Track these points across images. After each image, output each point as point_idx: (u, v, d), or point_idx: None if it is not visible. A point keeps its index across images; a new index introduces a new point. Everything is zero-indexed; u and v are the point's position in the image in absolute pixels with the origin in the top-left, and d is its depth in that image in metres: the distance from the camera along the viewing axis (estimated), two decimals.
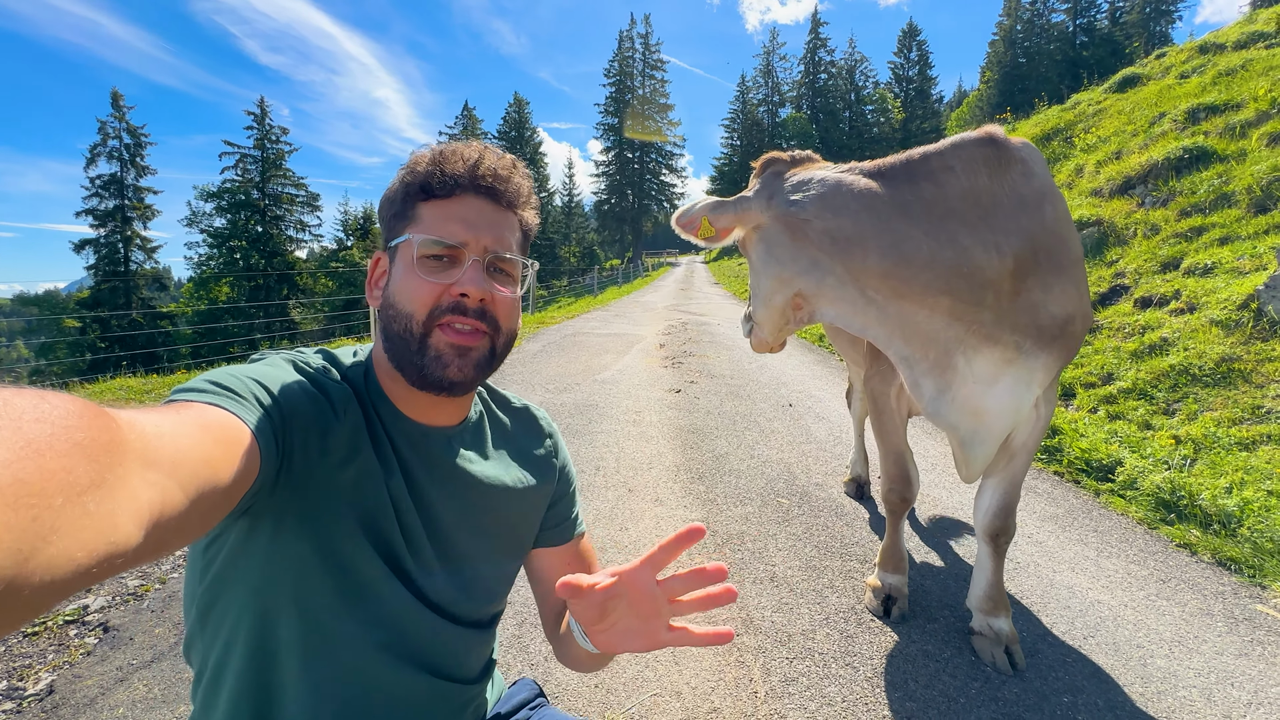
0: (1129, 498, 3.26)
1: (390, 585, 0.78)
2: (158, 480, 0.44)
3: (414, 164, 0.81)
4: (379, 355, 0.83)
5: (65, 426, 0.37)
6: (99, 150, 33.32)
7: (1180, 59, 12.08)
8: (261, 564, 0.71)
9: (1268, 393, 3.87)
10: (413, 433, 0.83)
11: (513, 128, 53.97)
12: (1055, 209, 1.60)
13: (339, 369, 0.83)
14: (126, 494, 0.40)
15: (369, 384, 0.83)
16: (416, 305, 0.76)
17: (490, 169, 0.80)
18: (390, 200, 0.82)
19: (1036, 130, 12.62)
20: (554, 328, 10.95)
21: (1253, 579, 2.50)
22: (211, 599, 0.74)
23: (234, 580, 0.73)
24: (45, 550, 0.33)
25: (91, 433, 0.39)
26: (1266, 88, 7.86)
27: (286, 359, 0.78)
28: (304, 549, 0.72)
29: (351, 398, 0.79)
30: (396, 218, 0.81)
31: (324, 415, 0.74)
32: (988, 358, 1.60)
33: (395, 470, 0.80)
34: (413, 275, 0.76)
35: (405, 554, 0.80)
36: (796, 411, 5.12)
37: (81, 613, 2.27)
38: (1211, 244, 5.90)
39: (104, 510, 0.37)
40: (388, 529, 0.78)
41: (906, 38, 62.71)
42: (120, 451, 0.41)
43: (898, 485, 2.23)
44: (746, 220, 1.79)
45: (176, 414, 0.54)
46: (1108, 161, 9.00)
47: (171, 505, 0.45)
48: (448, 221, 0.78)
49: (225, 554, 0.72)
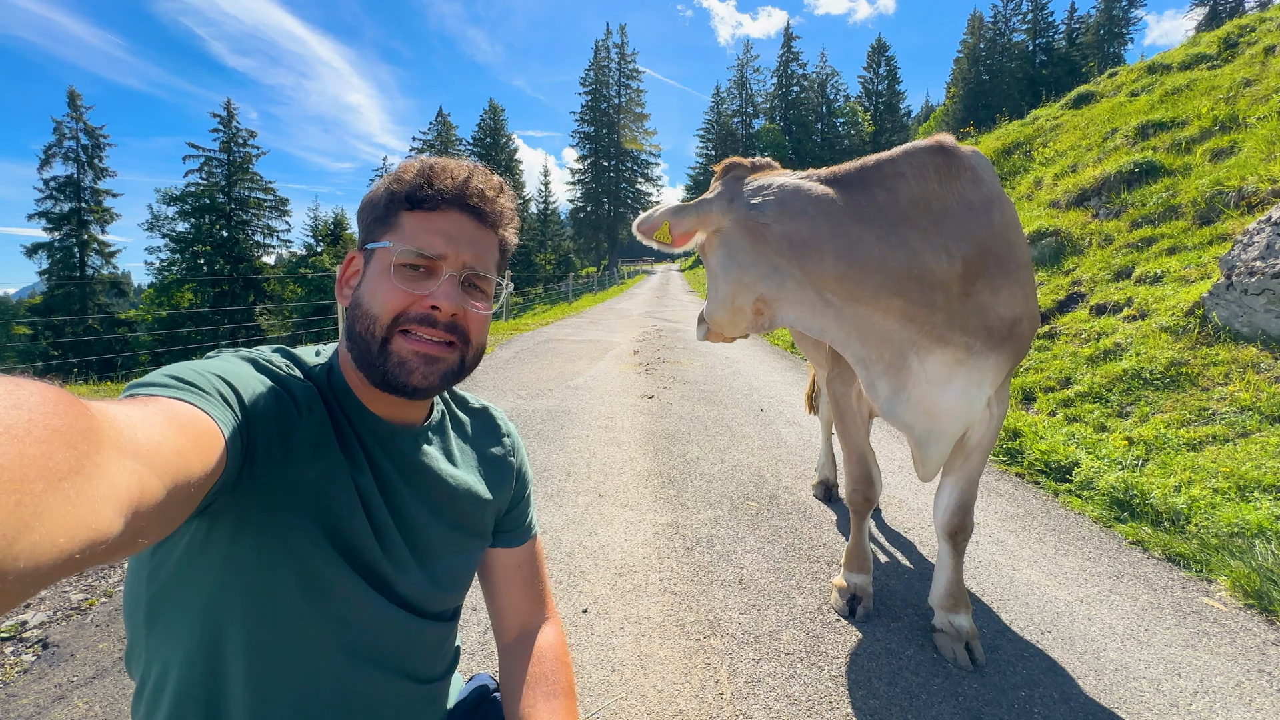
0: (1085, 497, 3.37)
1: (354, 584, 0.76)
2: (135, 469, 0.44)
3: (401, 172, 0.82)
4: (345, 353, 0.83)
5: (43, 413, 0.37)
6: (54, 151, 32.09)
7: (1131, 78, 12.65)
8: (219, 566, 0.69)
9: (1213, 395, 4.04)
10: (380, 430, 0.83)
11: (488, 134, 53.72)
12: (1003, 215, 1.65)
13: (301, 367, 0.82)
14: (105, 481, 0.39)
15: (333, 381, 0.83)
16: (383, 310, 0.76)
17: (478, 188, 0.81)
18: (373, 204, 0.82)
19: (998, 144, 13.05)
20: (528, 334, 10.88)
21: (1200, 573, 2.60)
22: (160, 603, 0.71)
23: (187, 583, 0.70)
24: (28, 535, 0.33)
25: (69, 419, 0.38)
26: (1209, 106, 8.27)
27: (245, 357, 0.76)
28: (265, 550, 0.70)
29: (316, 396, 0.78)
30: (378, 222, 0.81)
31: (288, 413, 0.73)
32: (940, 358, 1.64)
33: (364, 467, 0.80)
34: (386, 280, 0.77)
35: (377, 550, 0.79)
36: (768, 416, 5.17)
37: (19, 629, 2.16)
38: (1160, 254, 6.16)
39: (84, 496, 0.37)
40: (356, 527, 0.77)
41: (876, 53, 64.44)
42: (97, 439, 0.40)
43: (861, 485, 2.26)
44: (708, 223, 1.81)
45: (144, 406, 0.53)
46: (1064, 174, 9.35)
47: (150, 494, 0.45)
48: (429, 234, 0.78)
49: (179, 556, 0.70)
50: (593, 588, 2.47)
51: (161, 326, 30.29)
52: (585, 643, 2.12)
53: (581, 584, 2.50)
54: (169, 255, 34.61)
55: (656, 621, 2.25)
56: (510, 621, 1.00)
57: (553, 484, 3.59)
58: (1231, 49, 11.14)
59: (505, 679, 0.95)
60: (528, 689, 0.91)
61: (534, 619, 1.01)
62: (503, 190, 0.85)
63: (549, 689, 0.92)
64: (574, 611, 2.31)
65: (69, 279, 31.48)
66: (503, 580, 1.01)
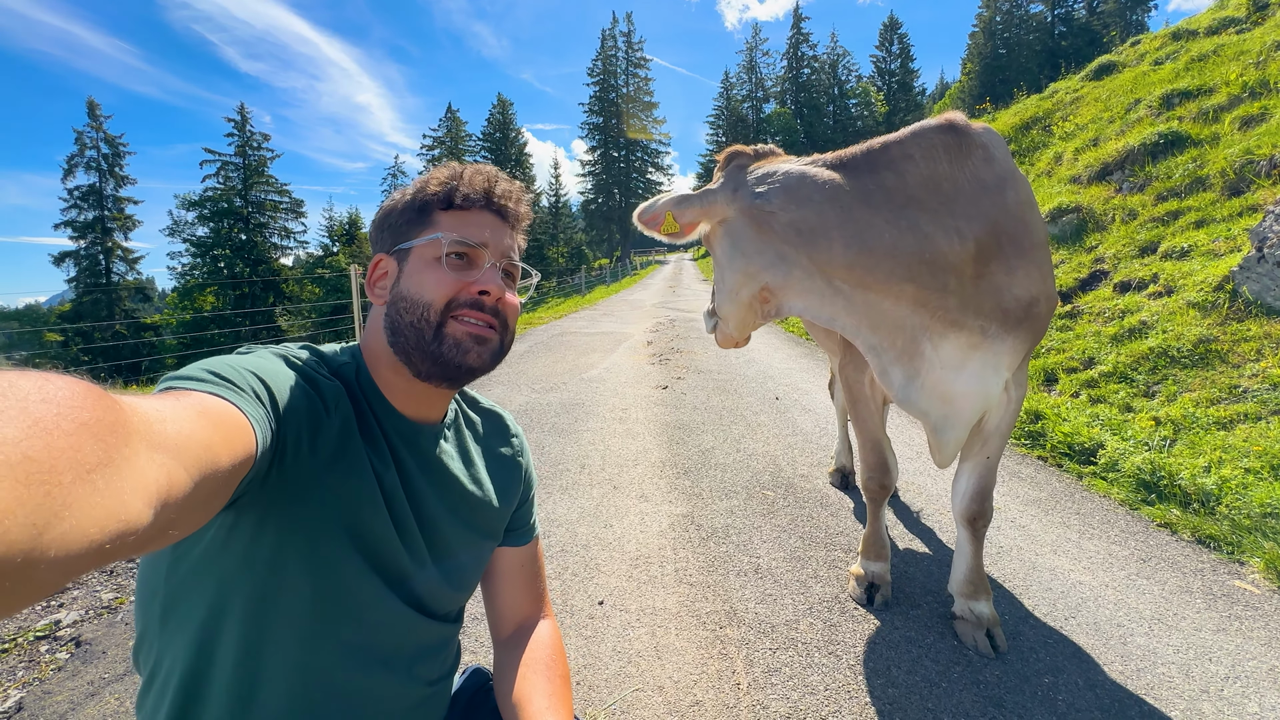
0: (1111, 480, 3.29)
1: (371, 583, 0.78)
2: (164, 462, 0.44)
3: (430, 179, 0.88)
4: (376, 350, 0.86)
5: (71, 406, 0.38)
6: (76, 161, 32.84)
7: (1154, 46, 12.21)
8: (240, 560, 0.71)
9: (1244, 372, 3.92)
10: (404, 427, 0.86)
11: (497, 129, 53.70)
12: (1017, 193, 1.60)
13: (329, 365, 0.84)
14: (134, 473, 0.40)
15: (360, 379, 0.85)
16: (436, 295, 0.81)
17: (505, 191, 0.89)
18: (402, 209, 0.88)
19: (1016, 119, 12.72)
20: (541, 328, 10.92)
21: (1231, 555, 2.53)
22: (178, 597, 0.73)
23: (206, 576, 0.71)
24: (58, 525, 0.33)
25: (97, 413, 0.39)
26: (1238, 72, 7.96)
27: (277, 353, 0.79)
28: (286, 546, 0.71)
29: (343, 394, 0.80)
30: (410, 224, 0.86)
31: (316, 411, 0.75)
32: (954, 343, 1.60)
33: (390, 464, 0.82)
34: (435, 269, 0.82)
35: (398, 546, 0.81)
36: (783, 405, 5.13)
37: (54, 628, 2.23)
38: (1187, 227, 5.96)
39: (113, 488, 0.38)
40: (379, 524, 0.79)
41: (888, 31, 63.06)
42: (125, 432, 0.41)
43: (876, 473, 2.23)
44: (712, 214, 1.78)
45: (176, 400, 0.54)
46: (1085, 149, 9.08)
47: (178, 487, 0.45)
48: (469, 227, 0.86)
49: (201, 548, 0.71)
50: (608, 579, 2.48)
51: (186, 330, 30.96)
52: (601, 634, 2.13)
53: (597, 576, 2.51)
54: (190, 259, 35.38)
55: (672, 612, 2.25)
56: (509, 619, 1.02)
57: (568, 476, 3.60)
58: (1262, 10, 10.68)
59: (500, 669, 0.96)
60: (524, 670, 0.93)
61: (533, 616, 1.04)
62: (523, 194, 0.93)
63: (547, 672, 0.94)
64: (590, 603, 2.32)
65: (95, 285, 32.29)
66: (505, 579, 1.04)
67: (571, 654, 2.03)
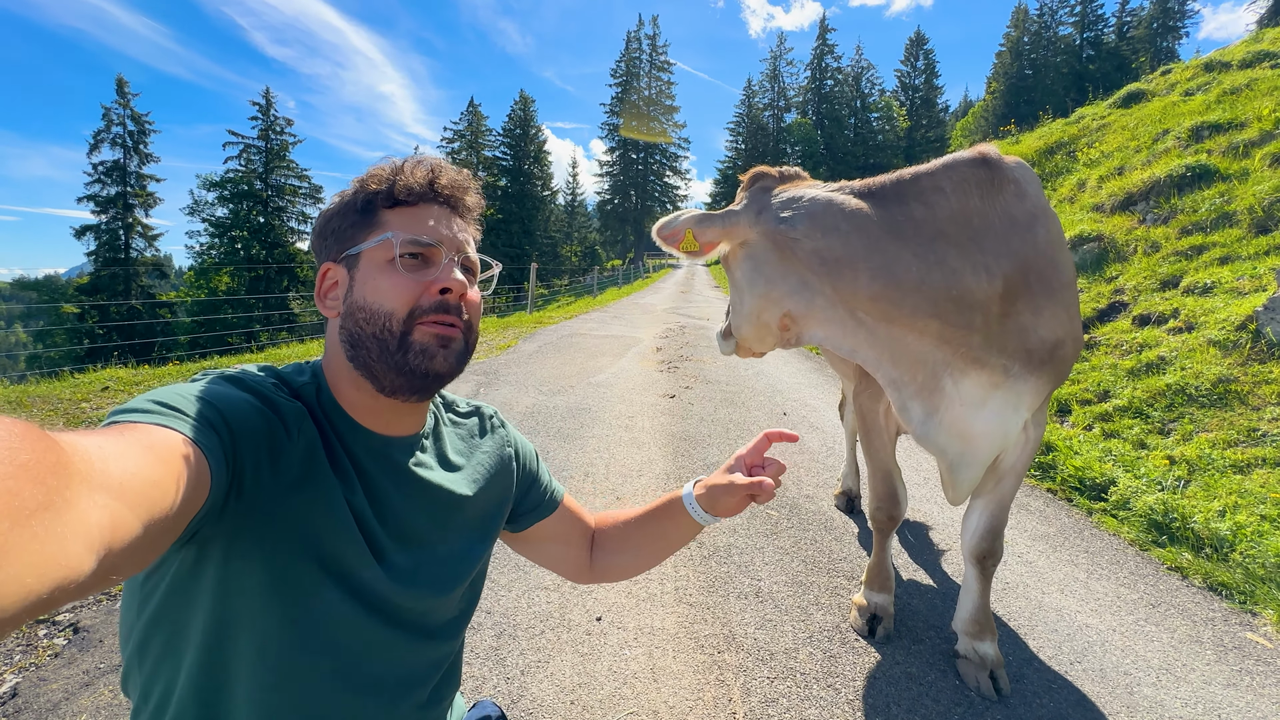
0: (1121, 518, 3.23)
1: (348, 608, 0.75)
2: (107, 503, 0.42)
3: (369, 176, 0.82)
4: (336, 367, 0.81)
5: (8, 448, 0.36)
6: (103, 136, 33.24)
7: (1185, 76, 12.07)
8: (209, 594, 0.68)
9: (1264, 415, 3.84)
10: (374, 444, 0.82)
11: (518, 125, 53.90)
12: (1048, 230, 1.57)
13: (289, 386, 0.80)
14: (75, 517, 0.38)
15: (322, 399, 0.81)
16: (397, 303, 0.76)
17: (450, 181, 0.83)
18: (344, 211, 0.82)
19: (1040, 143, 12.60)
20: (551, 328, 10.92)
21: (1243, 605, 2.48)
22: (150, 632, 0.71)
23: (177, 612, 0.70)
24: None
25: (36, 454, 0.37)
26: (1271, 107, 7.84)
27: (230, 377, 0.75)
28: (255, 576, 0.69)
29: (305, 415, 0.77)
30: (355, 226, 0.80)
31: (276, 434, 0.72)
32: (975, 381, 1.57)
33: (356, 486, 0.78)
34: (391, 274, 0.77)
35: (375, 569, 0.78)
36: (791, 421, 5.09)
37: (52, 613, 2.24)
38: (1211, 263, 5.87)
39: (53, 534, 0.36)
40: (351, 547, 0.76)
41: (914, 46, 62.79)
42: (66, 474, 0.39)
43: (885, 504, 2.20)
44: (734, 235, 1.75)
45: (120, 435, 0.52)
46: (1110, 177, 8.98)
47: (123, 529, 0.43)
48: (419, 223, 0.79)
49: (167, 585, 0.69)
50: (607, 594, 2.46)
51: (200, 309, 31.29)
52: (598, 652, 2.11)
53: (596, 590, 2.49)
54: (208, 239, 35.74)
55: (670, 633, 2.23)
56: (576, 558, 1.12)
57: (571, 484, 3.58)
58: None
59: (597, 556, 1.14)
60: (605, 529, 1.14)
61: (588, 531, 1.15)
62: (471, 182, 0.87)
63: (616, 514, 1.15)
64: (587, 619, 2.30)
65: (114, 260, 32.66)
66: (553, 541, 1.10)
67: (566, 671, 2.01)
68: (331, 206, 0.84)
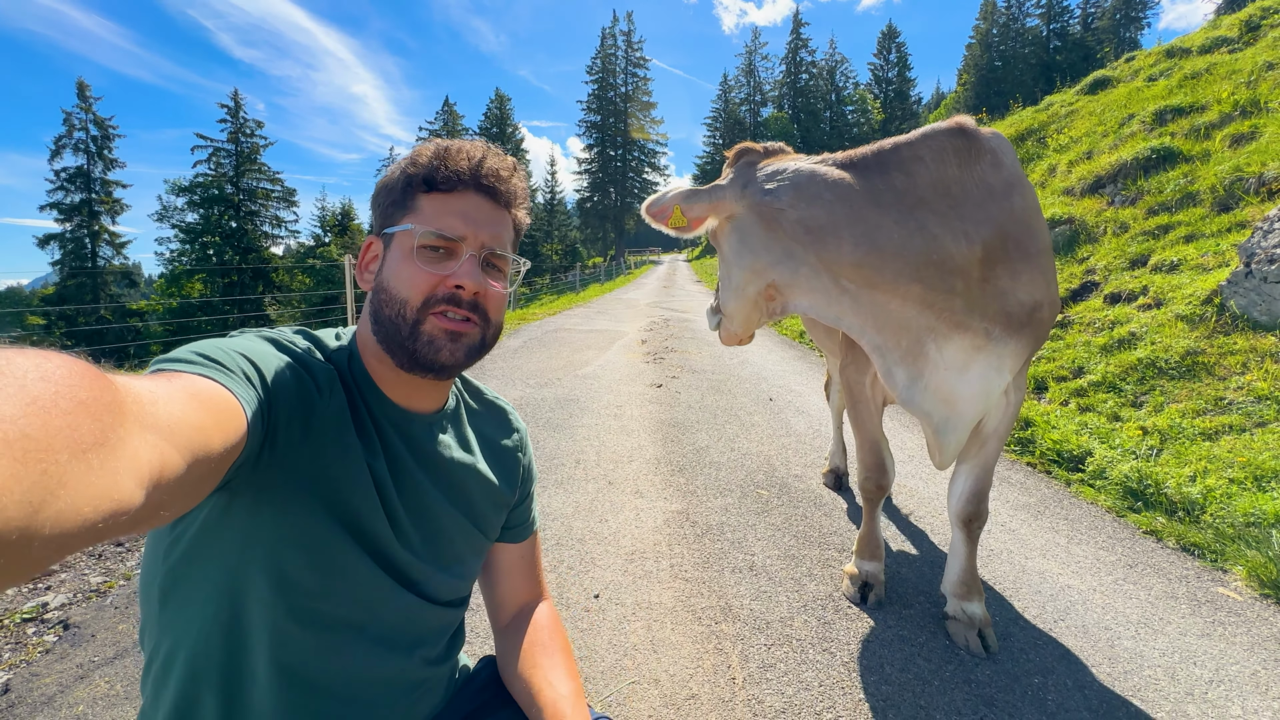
0: (1098, 487, 3.34)
1: (366, 566, 0.78)
2: (156, 443, 0.44)
3: (416, 156, 0.83)
4: (365, 337, 0.83)
5: (69, 385, 0.38)
6: (64, 142, 32.22)
7: (1148, 63, 12.40)
8: (236, 542, 0.70)
9: (1230, 384, 3.99)
10: (396, 416, 0.84)
11: (494, 124, 53.48)
12: (1024, 198, 1.62)
13: (322, 350, 0.82)
14: (128, 453, 0.40)
15: (353, 366, 0.83)
16: (412, 293, 0.78)
17: (492, 169, 0.83)
18: (389, 188, 0.83)
19: (1011, 131, 12.85)
20: (535, 324, 10.89)
21: (1214, 563, 2.58)
22: (176, 578, 0.72)
23: (203, 558, 0.71)
24: (54, 504, 0.33)
25: (94, 392, 0.39)
26: (1229, 91, 8.10)
27: (268, 337, 0.77)
28: (281, 528, 0.71)
29: (336, 379, 0.79)
30: (395, 205, 0.82)
31: (309, 395, 0.74)
32: (958, 345, 1.62)
33: (379, 452, 0.81)
34: (410, 263, 0.78)
35: (389, 535, 0.80)
36: (777, 405, 5.16)
37: (40, 610, 2.20)
38: (1177, 241, 6.06)
39: (107, 468, 0.38)
40: (369, 510, 0.78)
41: (886, 40, 63.49)
42: (120, 412, 0.41)
43: (873, 473, 2.25)
44: (720, 210, 1.78)
45: (167, 381, 0.54)
46: (1079, 161, 9.20)
47: (170, 468, 0.45)
48: (448, 215, 0.80)
49: (196, 530, 0.71)
50: (604, 573, 2.49)
51: (172, 316, 30.56)
52: (597, 627, 2.13)
53: (593, 570, 2.51)
54: (179, 246, 34.89)
55: (668, 607, 2.26)
56: (508, 607, 1.04)
57: (563, 471, 3.60)
58: (1253, 31, 10.88)
59: (503, 654, 0.98)
60: (527, 649, 0.95)
61: (531, 602, 1.05)
62: (515, 170, 0.86)
63: (548, 649, 0.96)
64: (585, 596, 2.32)
65: (81, 269, 31.73)
66: (504, 572, 1.05)
67: None
68: (385, 178, 0.85)
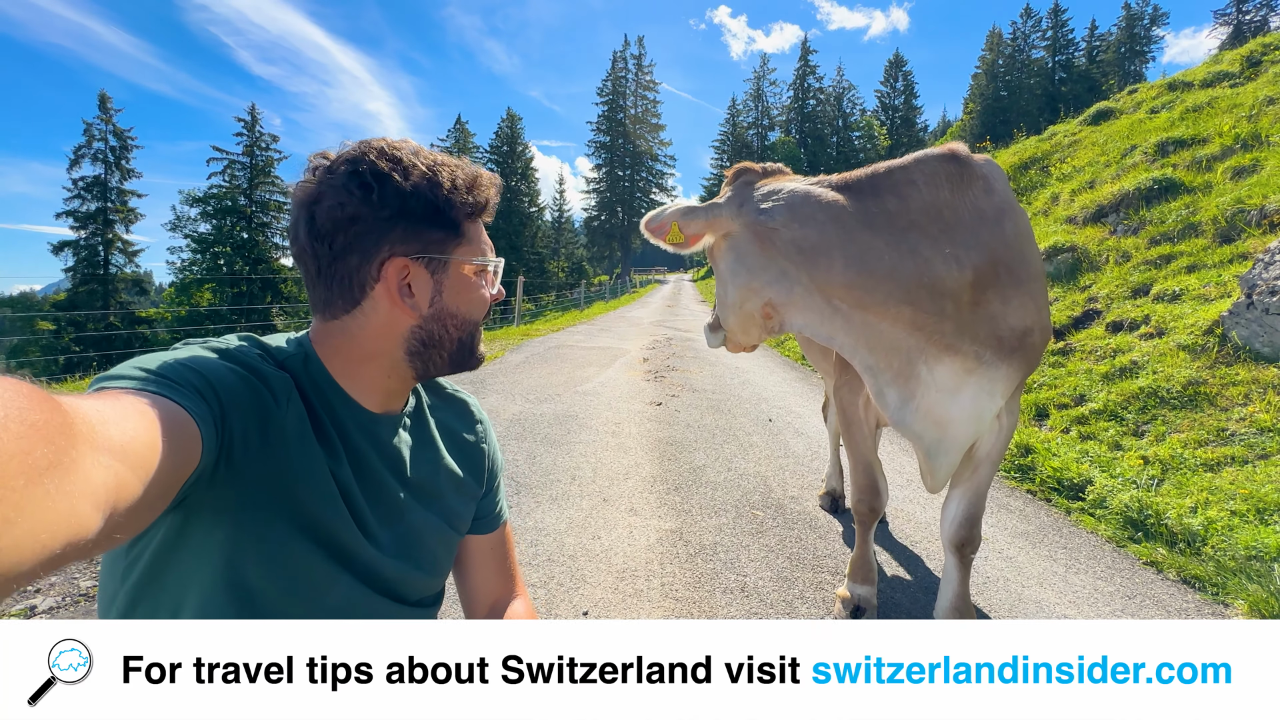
0: (1098, 516, 3.31)
1: (333, 572, 0.77)
2: (110, 464, 0.43)
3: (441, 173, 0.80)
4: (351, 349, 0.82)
5: (19, 408, 0.36)
6: (83, 152, 32.91)
7: (1151, 95, 12.54)
8: (195, 558, 0.69)
9: (1232, 415, 3.96)
10: (363, 419, 0.84)
11: (505, 143, 54.28)
12: (1015, 224, 1.64)
13: (274, 357, 0.80)
14: (81, 477, 0.39)
15: (311, 370, 0.81)
16: (479, 314, 0.88)
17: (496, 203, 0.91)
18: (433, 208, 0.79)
19: (1015, 159, 12.97)
20: (539, 340, 10.93)
21: (1216, 596, 2.54)
22: (135, 599, 0.71)
23: (163, 577, 0.70)
24: (11, 531, 0.32)
25: (44, 414, 0.38)
26: (1231, 124, 8.17)
27: (213, 348, 0.75)
28: (240, 541, 0.69)
29: (292, 386, 0.77)
30: (446, 231, 0.82)
31: (264, 404, 0.72)
32: (949, 367, 1.63)
33: (342, 457, 0.80)
34: (479, 287, 0.88)
35: (359, 539, 0.80)
36: (776, 427, 5.14)
37: (29, 613, 2.19)
38: (1179, 271, 6.07)
39: (63, 491, 0.37)
40: (335, 516, 0.77)
41: (893, 68, 64.48)
42: (72, 434, 0.40)
43: (866, 495, 2.24)
44: (717, 227, 1.81)
45: (115, 400, 0.52)
46: (1082, 190, 9.27)
47: (126, 490, 0.44)
48: (485, 239, 0.89)
49: (154, 550, 0.69)
50: (594, 591, 2.46)
51: (180, 325, 30.84)
52: None
53: (583, 587, 2.49)
54: (190, 255, 35.39)
55: None
56: (482, 601, 1.04)
57: (558, 487, 3.59)
58: (1255, 67, 11.01)
59: None
60: None
61: (505, 597, 1.05)
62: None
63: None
64: (574, 614, 2.30)
65: (93, 276, 32.15)
66: (475, 564, 1.05)
67: None
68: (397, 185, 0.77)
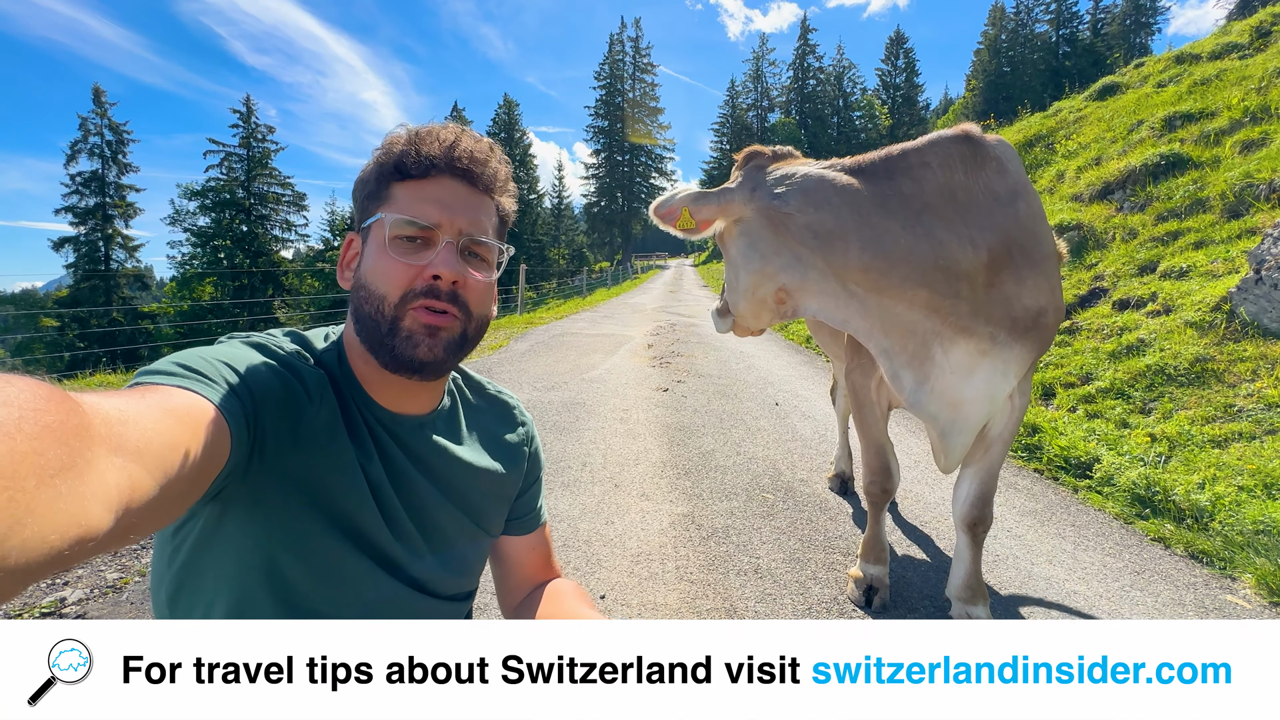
0: (1106, 493, 3.33)
1: (365, 567, 0.78)
2: (124, 465, 0.44)
3: (390, 144, 0.79)
4: (351, 338, 0.81)
5: (33, 409, 0.37)
6: (80, 147, 32.69)
7: (1158, 69, 12.35)
8: (232, 550, 0.70)
9: (1239, 391, 3.97)
10: (385, 418, 0.82)
11: (502, 129, 53.80)
12: (1029, 205, 1.64)
13: (312, 353, 0.80)
14: (95, 478, 0.40)
15: (343, 368, 0.81)
16: (390, 287, 0.74)
17: (467, 151, 0.79)
18: (364, 180, 0.81)
19: (1019, 137, 12.83)
20: (542, 328, 10.93)
21: (1223, 571, 2.57)
22: (180, 584, 0.73)
23: (203, 566, 0.72)
24: (20, 532, 0.33)
25: (59, 415, 0.39)
26: (1239, 97, 8.06)
27: (255, 342, 0.76)
28: (275, 534, 0.71)
29: (326, 382, 0.77)
30: (370, 198, 0.79)
31: (297, 400, 0.73)
32: (964, 349, 1.64)
33: (373, 455, 0.80)
34: (385, 256, 0.75)
35: (388, 537, 0.80)
36: (783, 410, 5.16)
37: (59, 605, 2.24)
38: (1187, 248, 6.03)
39: (75, 494, 0.37)
40: (366, 514, 0.77)
41: (894, 45, 63.45)
42: (87, 435, 0.40)
43: (878, 477, 2.26)
44: (729, 212, 1.81)
45: (141, 398, 0.53)
46: (1088, 167, 9.17)
47: (140, 491, 0.45)
48: (422, 202, 0.76)
49: (194, 539, 0.71)
50: (610, 575, 2.50)
51: (183, 319, 30.86)
52: None
53: (599, 571, 2.53)
54: (190, 249, 35.40)
55: (673, 608, 2.27)
56: (520, 592, 1.03)
57: (569, 474, 3.63)
58: (1264, 38, 10.83)
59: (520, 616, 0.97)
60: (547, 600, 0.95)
61: (546, 580, 1.04)
62: (493, 151, 0.83)
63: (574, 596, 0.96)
64: (592, 597, 2.34)
65: (94, 272, 32.12)
66: (515, 564, 1.03)
67: None
68: (361, 172, 0.82)
